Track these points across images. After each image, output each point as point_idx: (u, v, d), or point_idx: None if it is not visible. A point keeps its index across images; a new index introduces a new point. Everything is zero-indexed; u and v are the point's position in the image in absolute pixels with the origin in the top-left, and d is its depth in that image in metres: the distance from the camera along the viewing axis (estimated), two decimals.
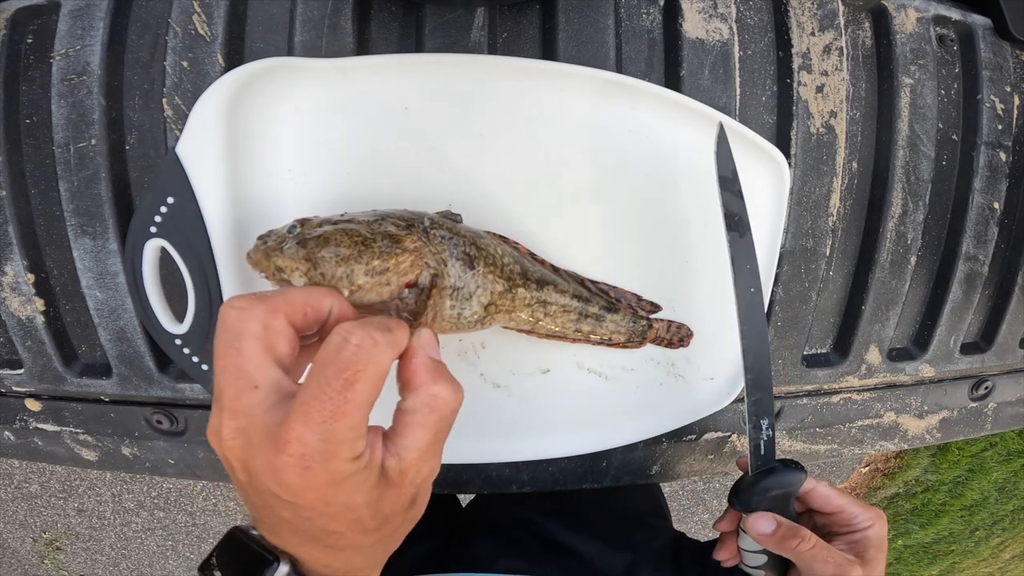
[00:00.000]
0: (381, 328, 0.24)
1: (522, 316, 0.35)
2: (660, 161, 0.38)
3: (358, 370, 0.23)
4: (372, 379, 0.23)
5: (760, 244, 0.41)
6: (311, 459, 0.22)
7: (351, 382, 0.23)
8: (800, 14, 0.41)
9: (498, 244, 0.34)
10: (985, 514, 1.87)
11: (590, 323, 0.37)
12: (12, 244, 0.39)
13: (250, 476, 0.24)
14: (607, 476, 0.46)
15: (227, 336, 0.24)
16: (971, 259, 0.48)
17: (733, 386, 0.43)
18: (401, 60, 0.34)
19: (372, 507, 0.25)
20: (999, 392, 0.55)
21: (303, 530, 0.25)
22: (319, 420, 0.22)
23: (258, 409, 0.23)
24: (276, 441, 0.22)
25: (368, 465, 0.24)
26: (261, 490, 0.24)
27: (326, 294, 0.27)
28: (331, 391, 0.22)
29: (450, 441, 0.40)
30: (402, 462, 0.25)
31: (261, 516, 0.26)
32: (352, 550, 0.26)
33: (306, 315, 0.26)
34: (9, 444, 0.45)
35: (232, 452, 0.24)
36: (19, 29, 0.38)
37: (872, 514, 0.38)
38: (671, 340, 0.41)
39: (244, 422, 0.23)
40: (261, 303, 0.24)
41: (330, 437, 0.22)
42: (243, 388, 0.23)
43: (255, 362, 0.23)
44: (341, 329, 0.24)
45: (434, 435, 0.26)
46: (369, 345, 0.23)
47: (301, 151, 0.35)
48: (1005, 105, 0.48)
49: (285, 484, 0.23)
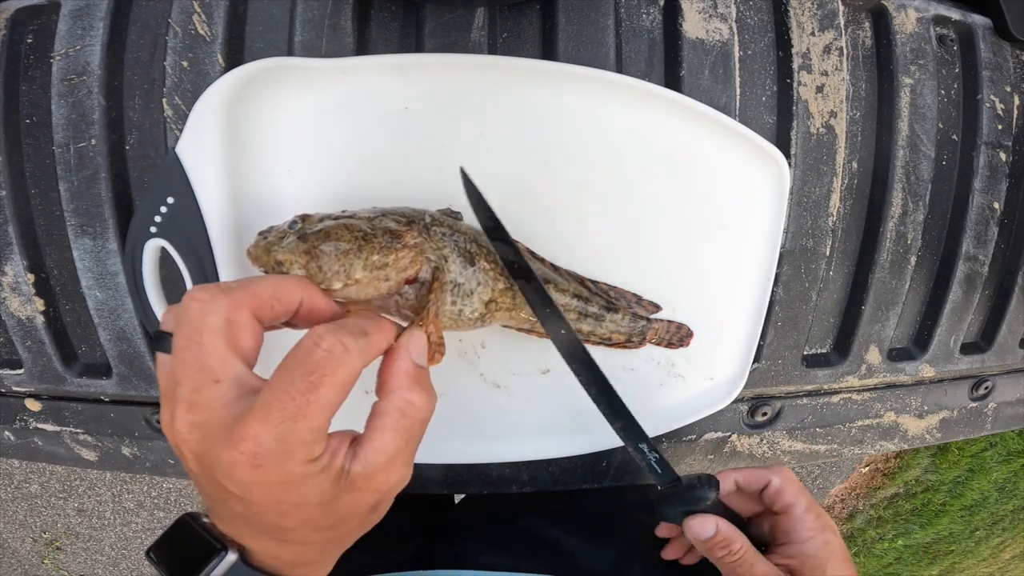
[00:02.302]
0: (355, 333, 0.24)
1: (523, 315, 0.35)
2: (660, 161, 0.38)
3: (324, 374, 0.23)
4: (338, 384, 0.23)
5: (760, 244, 0.41)
6: (264, 458, 0.22)
7: (316, 385, 0.22)
8: (800, 14, 0.41)
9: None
10: (985, 514, 1.87)
11: (590, 323, 0.37)
12: (12, 244, 0.39)
13: (203, 468, 0.24)
14: (607, 476, 0.46)
15: (188, 329, 0.23)
16: (971, 259, 0.48)
17: (733, 386, 0.43)
18: (401, 60, 0.34)
19: (325, 507, 0.25)
20: (999, 392, 0.55)
21: (254, 523, 0.25)
22: (278, 421, 0.22)
23: (219, 404, 0.23)
24: (231, 437, 0.22)
25: (325, 469, 0.24)
26: (213, 482, 0.24)
27: (295, 286, 0.26)
28: (295, 392, 0.22)
29: (451, 441, 0.40)
30: (367, 466, 0.25)
31: (213, 506, 0.26)
32: (303, 545, 0.26)
33: (273, 308, 0.25)
34: (9, 444, 0.45)
35: (187, 445, 0.23)
36: (19, 29, 0.38)
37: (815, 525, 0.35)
38: (671, 340, 0.41)
39: (203, 416, 0.23)
40: (224, 296, 0.24)
41: (287, 438, 0.22)
42: (204, 382, 0.23)
43: (217, 356, 0.23)
44: (313, 332, 0.24)
45: (404, 441, 0.26)
46: (339, 351, 0.23)
47: (301, 151, 0.35)
48: (1005, 105, 0.48)
49: (235, 480, 0.23)
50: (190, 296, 0.23)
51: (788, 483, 0.36)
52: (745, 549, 0.35)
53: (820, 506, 0.36)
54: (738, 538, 0.35)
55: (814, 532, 0.35)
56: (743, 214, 0.40)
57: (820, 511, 0.36)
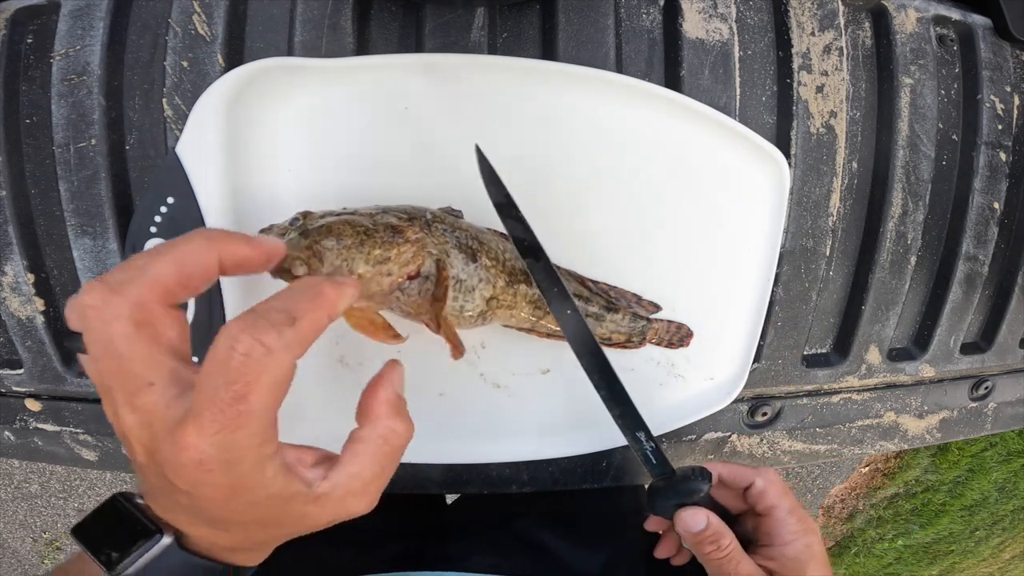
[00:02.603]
0: (279, 324, 0.21)
1: (523, 314, 0.35)
2: (660, 161, 0.38)
3: (248, 382, 0.20)
4: (268, 389, 0.21)
5: (760, 244, 0.41)
6: (210, 464, 0.21)
7: (242, 395, 0.20)
8: (800, 14, 0.41)
9: (500, 240, 0.34)
10: (985, 514, 1.87)
11: (590, 322, 0.37)
12: (12, 244, 0.39)
13: (152, 462, 0.22)
14: (607, 476, 0.46)
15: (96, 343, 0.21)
16: (971, 259, 0.48)
17: (733, 386, 0.43)
18: (401, 60, 0.34)
19: (278, 509, 0.24)
20: (999, 392, 0.55)
21: (199, 514, 0.24)
22: (212, 431, 0.20)
23: (159, 406, 0.21)
24: (174, 442, 0.21)
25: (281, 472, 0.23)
26: (161, 476, 0.22)
27: (203, 250, 0.23)
28: (222, 404, 0.20)
29: (451, 441, 0.40)
30: (337, 488, 0.24)
31: (156, 494, 0.25)
32: (245, 534, 0.25)
33: (185, 287, 0.23)
34: (9, 444, 0.45)
35: (138, 440, 0.22)
36: (19, 29, 0.38)
37: (797, 528, 0.35)
38: (671, 340, 0.41)
39: (147, 417, 0.21)
40: (119, 297, 0.21)
41: (229, 447, 0.21)
42: (137, 388, 0.21)
43: (140, 361, 0.21)
44: (227, 333, 0.21)
45: (381, 468, 0.25)
46: (259, 354, 0.20)
47: (301, 151, 0.35)
48: (1005, 105, 0.48)
49: (184, 479, 0.22)
50: (79, 303, 0.21)
51: (771, 485, 0.36)
52: (733, 546, 0.34)
53: (803, 509, 0.36)
54: (727, 534, 0.35)
55: (795, 535, 0.35)
56: (743, 214, 0.40)
57: (803, 514, 0.36)
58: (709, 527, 0.34)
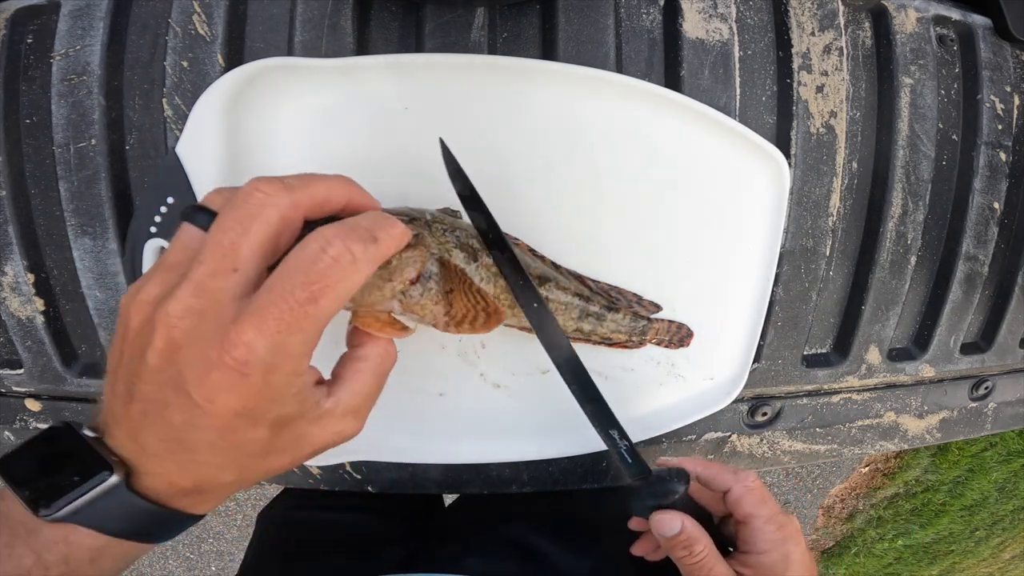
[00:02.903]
0: (365, 239, 0.22)
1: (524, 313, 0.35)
2: (660, 161, 0.38)
3: (327, 285, 0.21)
4: (341, 296, 0.21)
5: (760, 244, 0.41)
6: (252, 367, 0.20)
7: (316, 296, 0.21)
8: (800, 14, 0.41)
9: None
10: (985, 514, 1.87)
11: (591, 322, 0.37)
12: (12, 244, 0.39)
13: (169, 362, 0.21)
14: (607, 476, 0.46)
15: (240, 213, 0.22)
16: (971, 259, 0.48)
17: (733, 386, 0.43)
18: (401, 60, 0.34)
19: (275, 431, 0.23)
20: (999, 392, 0.55)
21: (180, 439, 0.22)
22: (274, 331, 0.20)
23: (226, 295, 0.21)
24: (223, 340, 0.20)
25: (301, 391, 0.23)
26: (167, 382, 0.21)
27: (344, 187, 0.25)
28: (293, 302, 0.20)
29: (451, 441, 0.40)
30: (339, 405, 0.25)
31: (129, 412, 0.23)
32: (218, 467, 0.24)
33: (322, 208, 0.24)
34: (9, 444, 0.45)
35: (170, 331, 0.21)
36: (19, 29, 0.38)
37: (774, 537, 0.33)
38: (671, 340, 0.41)
39: (206, 303, 0.21)
40: (287, 193, 0.22)
41: (280, 350, 0.21)
42: (224, 267, 0.21)
43: (253, 248, 0.21)
44: (321, 235, 0.21)
45: (377, 387, 0.26)
46: (347, 260, 0.21)
47: (301, 151, 0.35)
48: (1005, 105, 0.48)
49: (210, 384, 0.21)
50: (255, 186, 0.22)
51: (748, 493, 0.34)
52: (707, 553, 0.33)
53: (785, 515, 0.34)
54: (702, 539, 0.33)
55: (772, 545, 0.33)
56: (743, 214, 0.40)
57: (783, 521, 0.34)
58: (683, 532, 0.33)
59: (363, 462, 0.43)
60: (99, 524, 0.23)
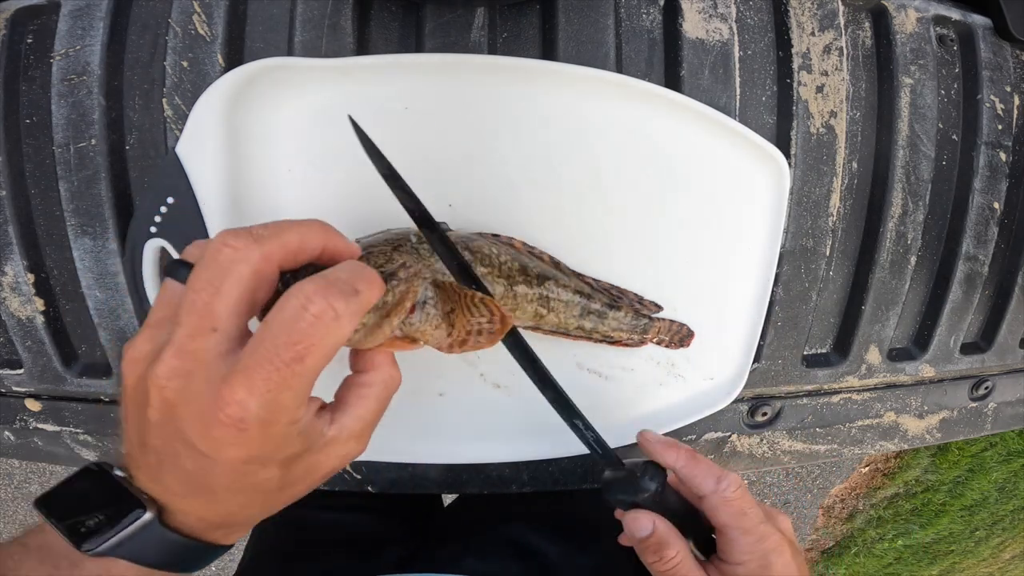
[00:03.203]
0: (347, 293, 0.22)
1: (524, 315, 0.35)
2: (660, 161, 0.38)
3: (312, 344, 0.21)
4: (327, 352, 0.22)
5: (760, 244, 0.41)
6: (248, 423, 0.21)
7: (302, 356, 0.21)
8: (800, 14, 0.41)
9: (492, 244, 0.34)
10: (985, 514, 1.87)
11: (592, 319, 0.37)
12: (12, 244, 0.39)
13: (168, 419, 0.22)
14: None
15: (210, 273, 0.22)
16: (971, 259, 0.48)
17: (733, 386, 0.43)
18: (401, 60, 0.34)
19: (287, 467, 0.24)
20: (999, 392, 0.55)
21: (198, 483, 0.23)
22: (263, 389, 0.21)
23: (210, 355, 0.21)
24: (216, 397, 0.21)
25: (303, 431, 0.23)
26: (173, 435, 0.22)
27: (319, 233, 0.24)
28: (279, 362, 0.21)
29: (451, 441, 0.40)
30: (343, 431, 0.25)
31: (147, 460, 0.24)
32: (240, 506, 0.25)
33: (297, 257, 0.24)
34: (9, 444, 0.45)
35: (161, 391, 0.22)
36: (19, 29, 0.38)
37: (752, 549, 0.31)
38: (672, 340, 0.41)
39: (191, 365, 0.21)
40: (257, 247, 0.22)
41: (272, 406, 0.21)
42: (203, 328, 0.21)
43: (228, 306, 0.22)
44: (300, 292, 0.21)
45: (380, 411, 0.26)
46: (330, 318, 0.21)
47: (301, 151, 0.35)
48: (1005, 105, 0.48)
49: (211, 440, 0.22)
50: (222, 241, 0.22)
51: (724, 505, 0.32)
52: (679, 560, 0.31)
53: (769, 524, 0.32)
54: (674, 544, 0.32)
55: (748, 556, 0.32)
56: (743, 214, 0.40)
57: (764, 533, 0.32)
58: (653, 535, 0.32)
59: (363, 462, 0.43)
60: (137, 557, 0.24)
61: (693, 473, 0.33)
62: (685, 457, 0.34)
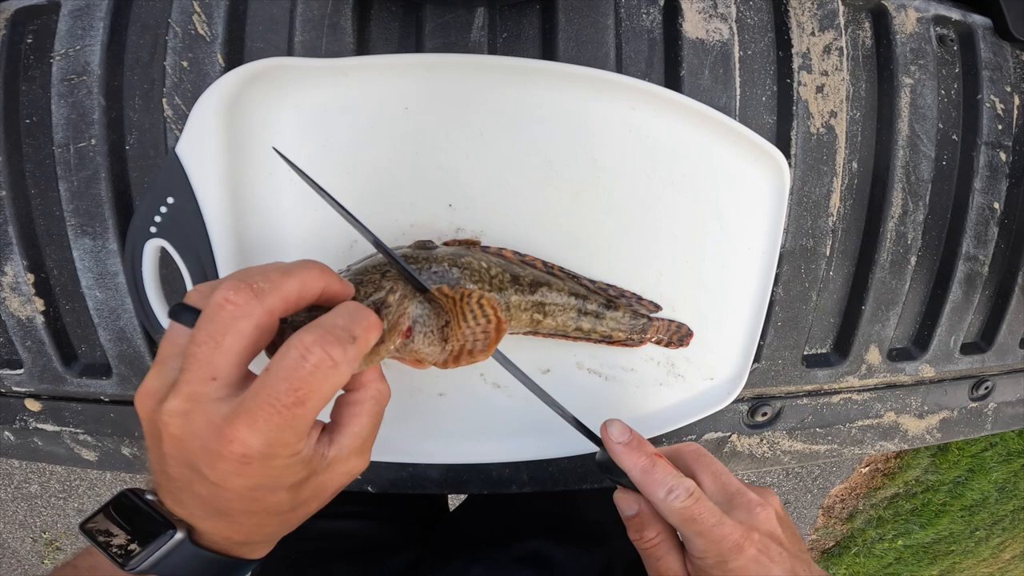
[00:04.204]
0: (344, 341, 0.23)
1: (520, 324, 0.35)
2: (660, 161, 0.38)
3: (311, 390, 0.23)
4: (325, 396, 0.23)
5: (760, 244, 0.41)
6: (251, 459, 0.23)
7: (302, 400, 0.22)
8: (800, 14, 0.41)
9: (481, 257, 0.34)
10: (985, 514, 1.87)
11: (590, 320, 0.37)
12: (12, 244, 0.39)
13: (179, 452, 0.24)
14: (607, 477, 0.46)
15: (214, 328, 0.23)
16: (971, 259, 0.48)
17: (733, 386, 0.43)
18: (401, 60, 0.34)
19: (295, 492, 0.26)
20: (999, 392, 0.55)
21: (215, 506, 0.25)
22: (265, 429, 0.22)
23: (207, 399, 0.23)
24: (220, 435, 0.22)
25: (305, 460, 0.25)
26: (186, 466, 0.24)
27: (318, 278, 0.26)
28: (280, 406, 0.22)
29: (451, 441, 0.40)
30: (343, 450, 0.26)
31: (169, 486, 0.26)
32: (257, 526, 0.27)
33: (297, 304, 0.25)
34: (9, 444, 0.45)
35: (167, 427, 0.23)
36: (19, 29, 0.38)
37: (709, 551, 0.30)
38: (671, 340, 0.41)
39: (190, 407, 0.23)
40: (259, 303, 0.23)
41: (274, 443, 0.23)
42: (204, 378, 0.23)
43: (229, 359, 0.23)
44: (300, 342, 0.23)
45: (374, 426, 0.28)
46: (327, 367, 0.23)
47: (301, 151, 0.35)
48: (1005, 105, 0.48)
49: (219, 471, 0.23)
50: (225, 297, 0.23)
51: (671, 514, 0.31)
52: (657, 541, 0.32)
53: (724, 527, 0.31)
54: (653, 527, 0.32)
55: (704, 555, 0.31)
56: (743, 214, 0.40)
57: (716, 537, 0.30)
58: (637, 515, 0.33)
59: None
60: (174, 573, 0.26)
61: (644, 483, 0.32)
62: (642, 464, 0.32)
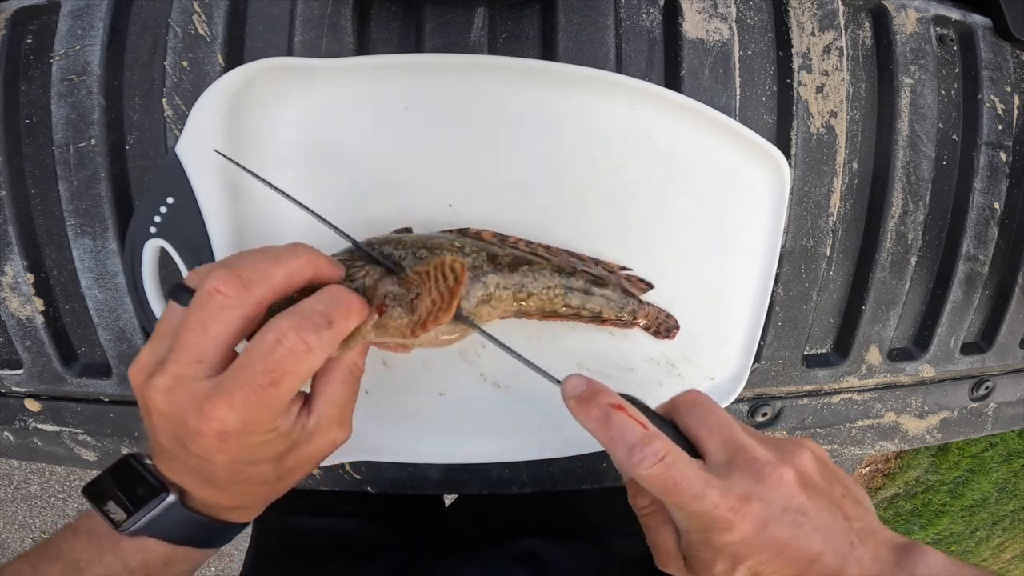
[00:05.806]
0: (320, 326, 0.24)
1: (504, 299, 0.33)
2: (660, 161, 0.38)
3: (287, 371, 0.23)
4: (300, 378, 0.24)
5: (760, 244, 0.41)
6: (230, 435, 0.24)
7: (277, 381, 0.23)
8: (800, 14, 0.41)
9: (455, 238, 0.33)
10: (985, 514, 1.87)
11: (579, 296, 0.36)
12: (12, 244, 0.39)
13: (167, 424, 0.25)
14: (607, 476, 0.46)
15: (202, 315, 0.24)
16: (971, 259, 0.48)
17: (733, 386, 0.43)
18: (401, 60, 0.34)
19: (277, 463, 0.27)
20: (999, 392, 0.55)
21: (203, 476, 0.27)
22: (242, 408, 0.23)
23: (190, 379, 0.24)
24: (200, 412, 0.24)
25: (283, 434, 0.26)
26: (174, 439, 0.25)
27: (306, 265, 0.26)
28: (256, 386, 0.23)
29: (451, 441, 0.40)
30: (322, 418, 0.27)
31: (163, 455, 0.27)
32: (244, 494, 0.29)
33: (285, 290, 0.26)
34: (9, 444, 0.45)
35: (153, 403, 0.25)
36: (19, 29, 0.38)
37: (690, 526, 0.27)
38: (659, 328, 0.40)
39: (174, 384, 0.24)
40: (247, 294, 0.24)
41: (251, 421, 0.24)
42: (190, 360, 0.24)
43: (214, 345, 0.24)
44: (276, 327, 0.24)
45: (351, 393, 0.29)
46: (301, 351, 0.24)
47: (301, 151, 0.35)
48: (1005, 105, 0.48)
49: (200, 446, 0.24)
50: (215, 287, 0.24)
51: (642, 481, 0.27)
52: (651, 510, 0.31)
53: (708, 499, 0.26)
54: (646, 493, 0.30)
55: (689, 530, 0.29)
56: (743, 214, 0.40)
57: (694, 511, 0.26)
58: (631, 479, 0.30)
59: (363, 462, 0.42)
60: (165, 535, 0.28)
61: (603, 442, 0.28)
62: (595, 417, 0.28)
